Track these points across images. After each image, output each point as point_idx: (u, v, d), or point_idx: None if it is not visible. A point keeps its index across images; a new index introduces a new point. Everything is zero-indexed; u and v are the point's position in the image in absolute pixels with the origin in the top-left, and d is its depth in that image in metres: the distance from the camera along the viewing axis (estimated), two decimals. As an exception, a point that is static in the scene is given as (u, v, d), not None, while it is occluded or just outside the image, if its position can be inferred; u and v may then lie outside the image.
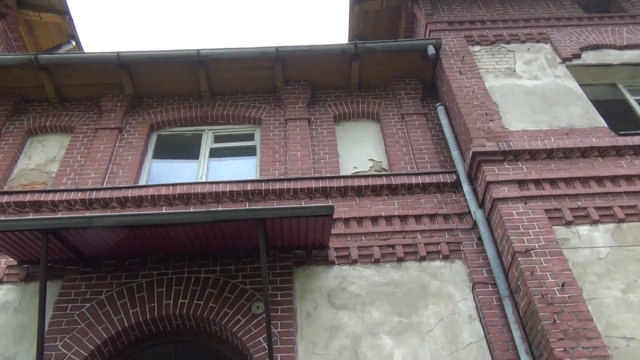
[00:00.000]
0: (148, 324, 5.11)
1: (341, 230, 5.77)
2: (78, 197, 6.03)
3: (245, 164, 7.03)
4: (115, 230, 4.85)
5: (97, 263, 5.44)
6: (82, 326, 4.98)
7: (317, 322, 5.04)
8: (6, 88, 7.33)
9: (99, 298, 5.19)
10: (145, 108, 7.42)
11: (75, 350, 4.81)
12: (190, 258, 5.46)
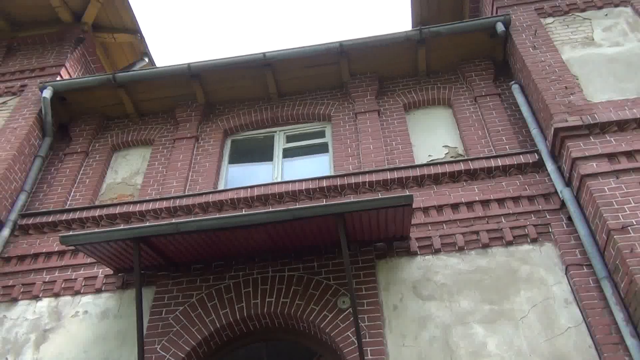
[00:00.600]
0: (238, 324, 5.24)
1: (421, 219, 5.67)
2: (163, 206, 6.29)
3: (319, 161, 7.06)
4: (201, 234, 5.00)
5: (186, 267, 5.64)
6: (177, 329, 5.18)
7: (405, 314, 4.98)
8: (90, 108, 7.76)
9: (191, 301, 5.38)
10: (218, 115, 7.62)
11: (173, 352, 5.01)
12: (273, 257, 5.54)
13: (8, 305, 5.77)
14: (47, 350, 5.31)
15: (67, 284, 5.79)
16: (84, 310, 5.57)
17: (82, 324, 5.47)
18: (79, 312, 5.57)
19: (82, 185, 7.00)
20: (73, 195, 6.87)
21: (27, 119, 7.28)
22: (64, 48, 8.41)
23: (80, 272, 5.86)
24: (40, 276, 5.91)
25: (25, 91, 7.75)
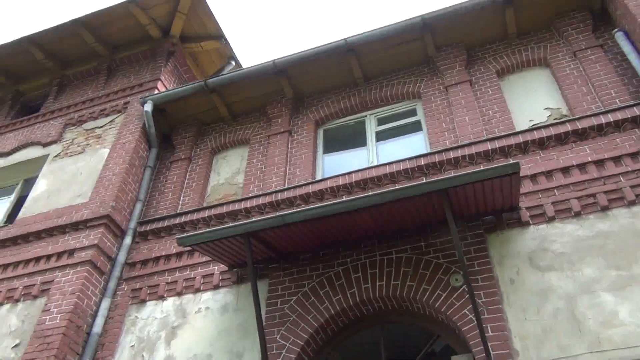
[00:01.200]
0: (352, 309, 5.28)
1: (529, 188, 5.41)
2: (266, 201, 6.48)
3: (413, 141, 6.93)
4: (306, 224, 5.09)
5: (295, 258, 5.77)
6: (294, 318, 5.32)
7: (523, 287, 4.77)
8: (187, 116, 8.14)
9: (303, 290, 5.50)
10: (308, 107, 7.71)
11: (292, 341, 5.15)
12: (379, 240, 5.53)
13: (138, 306, 6.21)
14: (177, 346, 5.65)
15: (188, 282, 6.14)
16: (206, 307, 5.87)
17: (206, 319, 5.77)
18: (201, 308, 5.88)
19: (190, 190, 7.37)
20: (183, 200, 7.26)
21: (134, 133, 7.77)
22: (157, 63, 8.88)
23: (198, 271, 6.18)
24: (163, 277, 6.30)
25: (129, 107, 8.28)
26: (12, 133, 9.02)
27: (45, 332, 5.77)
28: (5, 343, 5.96)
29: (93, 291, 6.24)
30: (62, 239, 6.74)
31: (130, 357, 5.76)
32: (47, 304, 6.06)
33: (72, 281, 6.17)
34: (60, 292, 6.11)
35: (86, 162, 7.79)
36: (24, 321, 6.10)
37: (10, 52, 9.33)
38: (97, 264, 6.36)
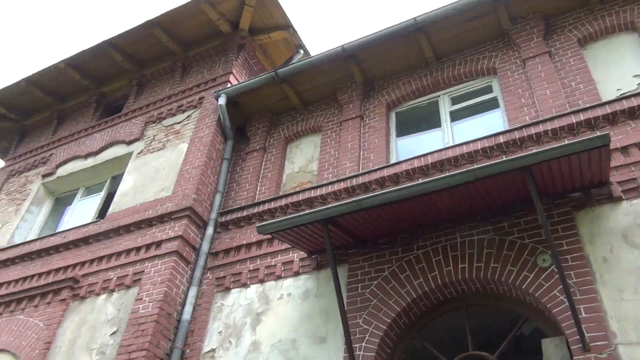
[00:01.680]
0: (434, 293, 5.20)
1: (620, 161, 5.08)
2: (341, 187, 6.49)
3: (490, 118, 6.70)
4: (383, 208, 5.05)
5: (373, 243, 5.75)
6: (375, 302, 5.31)
7: (618, 266, 4.50)
8: (259, 108, 8.28)
9: (383, 275, 5.47)
10: (378, 90, 7.62)
11: (375, 325, 5.15)
12: (459, 222, 5.39)
13: (223, 294, 6.42)
14: (262, 331, 5.80)
15: (269, 270, 6.27)
16: (288, 293, 5.98)
17: (288, 305, 5.88)
18: (283, 294, 6.00)
19: (266, 179, 7.51)
20: (259, 189, 7.41)
21: (210, 127, 8.01)
22: (228, 57, 9.08)
23: (278, 259, 6.30)
24: (245, 266, 6.48)
25: (204, 102, 8.53)
26: (99, 133, 9.54)
27: (139, 320, 6.09)
28: (104, 330, 6.35)
29: (180, 280, 6.51)
30: (149, 231, 7.08)
31: (218, 342, 5.98)
32: (140, 293, 6.40)
33: (161, 271, 6.47)
34: (151, 281, 6.42)
35: (167, 157, 8.11)
36: (119, 310, 6.47)
37: (92, 57, 9.84)
38: (182, 254, 6.63)
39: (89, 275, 7.08)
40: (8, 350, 6.88)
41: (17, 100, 10.73)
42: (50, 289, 7.18)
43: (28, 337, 6.85)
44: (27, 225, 9.17)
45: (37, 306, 7.19)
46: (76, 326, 6.62)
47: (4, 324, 7.25)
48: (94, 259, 7.23)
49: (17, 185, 10.00)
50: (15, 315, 7.27)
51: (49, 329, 6.75)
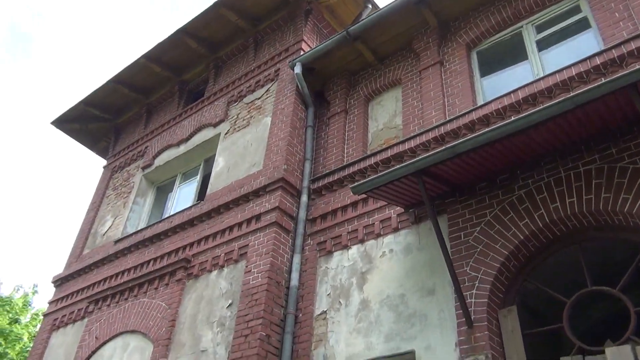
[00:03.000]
0: (542, 232, 4.99)
1: None
2: (429, 137, 6.33)
3: (582, 41, 6.23)
4: (477, 152, 4.87)
5: (471, 189, 5.58)
6: (481, 248, 5.18)
7: None
8: (335, 70, 8.21)
9: (485, 220, 5.32)
10: (455, 32, 7.30)
11: (484, 271, 5.03)
12: (561, 155, 5.10)
13: (326, 258, 6.55)
14: (370, 289, 5.87)
15: (368, 229, 6.30)
16: (389, 249, 5.99)
17: (391, 262, 5.89)
18: (385, 252, 6.02)
19: (351, 141, 7.49)
20: (347, 152, 7.41)
21: (289, 97, 8.07)
22: (297, 25, 9.05)
23: (375, 217, 6.30)
24: (343, 228, 6.55)
25: (280, 74, 8.60)
26: (186, 120, 9.92)
27: (251, 291, 6.36)
28: (220, 304, 6.71)
29: (284, 249, 6.71)
30: (247, 206, 7.32)
31: (328, 304, 6.13)
32: (248, 265, 6.67)
33: (264, 243, 6.69)
34: (256, 253, 6.66)
35: (253, 133, 8.30)
36: (231, 283, 6.79)
37: (169, 47, 10.19)
38: (282, 224, 6.81)
39: (199, 254, 7.47)
40: (139, 331, 7.46)
41: (107, 100, 11.38)
42: (166, 271, 7.66)
43: (154, 317, 7.38)
44: (136, 215, 9.80)
45: (157, 288, 7.71)
46: (194, 303, 7.05)
47: (131, 308, 7.85)
48: (200, 239, 7.61)
49: (121, 180, 10.69)
50: (139, 298, 7.85)
51: (170, 307, 7.24)
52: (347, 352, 5.63)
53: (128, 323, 7.70)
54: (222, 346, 6.26)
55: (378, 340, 5.45)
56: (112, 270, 8.72)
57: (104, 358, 7.67)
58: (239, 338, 6.08)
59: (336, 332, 5.85)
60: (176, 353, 6.72)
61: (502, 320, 4.90)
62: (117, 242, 9.22)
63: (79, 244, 10.24)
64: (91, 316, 8.46)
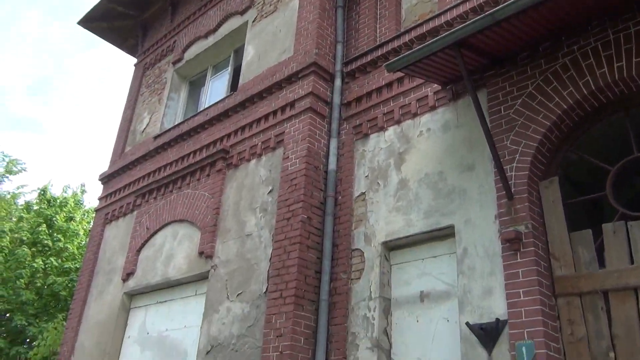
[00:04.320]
0: (587, 100, 4.80)
1: None
2: (467, 8, 5.99)
3: None
4: (519, 17, 4.58)
5: (511, 61, 5.34)
6: (521, 121, 5.04)
7: None
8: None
9: (527, 91, 5.13)
10: None
11: (525, 144, 4.94)
12: (610, 17, 4.76)
13: (363, 141, 6.53)
14: (407, 169, 5.89)
15: (404, 109, 6.19)
16: (427, 128, 5.91)
17: (429, 141, 5.84)
18: (422, 131, 5.94)
19: (384, 19, 7.16)
20: (379, 31, 7.12)
21: (317, -23, 7.65)
22: None
23: (411, 96, 6.16)
24: (379, 110, 6.45)
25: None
26: (212, 10, 9.63)
27: (290, 176, 6.48)
28: (261, 191, 6.88)
29: (320, 134, 6.71)
30: (280, 94, 7.25)
31: (367, 186, 6.21)
32: (285, 152, 6.73)
33: (300, 129, 6.70)
34: (293, 140, 6.70)
35: (281, 18, 8.02)
36: (270, 170, 6.92)
37: None
38: (316, 109, 6.75)
39: (236, 144, 7.56)
40: (186, 220, 7.81)
41: (130, -5, 11.09)
42: (206, 163, 7.83)
43: (199, 206, 7.67)
44: (172, 111, 9.88)
45: (199, 179, 7.94)
46: (236, 191, 7.25)
47: (177, 199, 8.16)
48: (237, 129, 7.66)
49: (153, 77, 10.68)
50: (183, 190, 8.13)
51: (214, 197, 7.48)
52: (386, 229, 5.78)
53: (175, 213, 8.04)
54: (266, 229, 6.51)
55: (417, 217, 5.55)
56: (155, 165, 8.98)
57: (156, 246, 8.12)
58: (281, 221, 6.29)
59: (375, 212, 5.97)
60: (223, 238, 7.04)
61: (543, 191, 4.89)
62: (156, 137, 9.41)
63: (120, 142, 10.51)
64: (140, 209, 8.86)
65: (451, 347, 4.89)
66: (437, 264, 5.39)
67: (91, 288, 9.08)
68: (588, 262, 4.45)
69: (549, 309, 4.41)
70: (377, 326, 5.41)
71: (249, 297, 6.27)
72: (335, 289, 5.92)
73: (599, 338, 4.20)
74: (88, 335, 8.55)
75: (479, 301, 4.73)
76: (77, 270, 14.68)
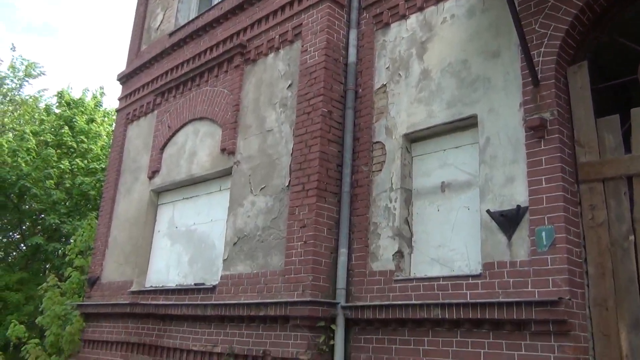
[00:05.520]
0: (624, -23, 4.51)
1: None
2: None
3: None
4: None
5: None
6: (552, 2, 4.78)
7: None
8: None
9: (559, -30, 4.81)
10: None
11: (554, 27, 4.72)
12: None
13: (383, 30, 6.31)
14: (430, 58, 5.72)
15: (427, -5, 5.90)
16: (451, 15, 5.66)
17: (453, 27, 5.61)
18: (446, 17, 5.70)
19: None
20: None
21: None
22: None
23: (434, -20, 5.84)
24: (400, -4, 6.16)
25: None
26: None
27: (309, 70, 6.35)
28: (280, 85, 6.80)
29: (339, 25, 6.48)
30: (297, -17, 6.93)
31: (387, 77, 6.08)
32: (303, 45, 6.56)
33: (318, 20, 6.47)
34: (311, 32, 6.49)
35: None
36: (289, 64, 6.78)
37: None
38: (335, -2, 6.48)
39: (253, 38, 7.37)
40: (206, 117, 7.82)
41: None
42: (224, 59, 7.70)
43: (218, 103, 7.65)
44: (185, 6, 9.57)
45: (217, 76, 7.84)
46: (255, 87, 7.17)
47: (196, 97, 8.13)
48: (253, 22, 7.43)
49: (163, -31, 10.23)
50: (202, 87, 8.07)
51: (233, 93, 7.43)
52: (408, 121, 5.73)
53: (195, 111, 8.05)
54: (287, 124, 6.51)
55: (440, 108, 5.47)
56: (172, 63, 8.86)
57: (179, 144, 8.22)
58: (301, 116, 6.27)
59: (396, 104, 5.89)
60: (244, 135, 7.08)
61: (570, 77, 4.75)
62: (171, 35, 9.20)
63: (135, 41, 10.32)
64: (160, 108, 8.87)
65: (471, 234, 5.01)
66: (458, 155, 5.39)
67: (119, 186, 9.35)
68: (614, 148, 4.41)
69: (571, 195, 4.44)
70: (398, 216, 5.53)
71: (272, 191, 6.40)
72: (356, 181, 6.00)
73: (620, 222, 4.25)
74: (120, 230, 8.94)
75: (500, 189, 4.76)
76: (103, 170, 15.06)
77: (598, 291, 4.26)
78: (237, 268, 6.48)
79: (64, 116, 16.54)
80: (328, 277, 5.70)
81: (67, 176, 15.47)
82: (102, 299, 8.58)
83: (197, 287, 6.93)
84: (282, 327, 5.65)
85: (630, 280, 4.13)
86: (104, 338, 8.19)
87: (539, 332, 4.16)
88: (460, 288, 4.78)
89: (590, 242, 4.38)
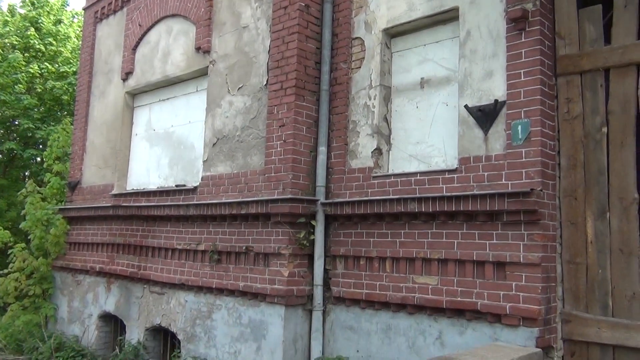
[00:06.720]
0: None
1: None
2: None
3: None
4: None
5: None
6: None
7: None
8: None
9: None
10: None
11: None
12: None
13: None
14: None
15: None
16: None
17: None
18: None
19: None
20: None
21: None
22: None
23: None
24: None
25: None
26: None
27: (285, -40, 6.02)
28: None
29: None
30: None
31: (367, -32, 5.79)
32: None
33: None
34: None
35: None
36: (263, -45, 6.42)
37: None
38: None
39: None
40: (179, 14, 7.48)
41: None
42: (194, -50, 7.24)
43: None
44: None
45: (188, -31, 7.41)
46: (229, -20, 6.82)
47: (166, -8, 7.71)
48: None
49: None
50: (173, -18, 7.64)
51: (205, -13, 7.06)
52: (388, 15, 5.56)
53: (167, 7, 7.69)
54: (263, 20, 6.27)
55: (420, 0, 5.29)
56: (138, -44, 8.32)
57: (152, 43, 7.93)
58: (278, 10, 6.04)
59: (377, -3, 5.69)
60: (219, 32, 6.83)
61: (555, -35, 4.58)
62: None
63: None
64: (129, 4, 8.46)
65: (449, 130, 5.05)
66: (438, 49, 5.30)
67: (92, 89, 9.10)
68: (594, 40, 4.37)
69: (548, 89, 4.45)
70: (377, 114, 5.52)
71: (250, 90, 6.30)
72: (335, 79, 5.92)
73: (594, 114, 4.31)
74: (97, 134, 8.82)
75: (479, 84, 4.75)
76: (74, 74, 14.53)
77: (568, 182, 4.40)
78: (217, 169, 6.52)
79: (29, 17, 15.66)
80: (308, 175, 5.78)
81: (37, 81, 14.93)
82: (85, 202, 8.64)
83: (178, 188, 6.99)
84: (263, 224, 5.80)
85: (599, 172, 4.26)
86: (89, 240, 8.35)
87: (510, 222, 4.34)
88: (437, 183, 4.89)
89: (564, 135, 4.46)
